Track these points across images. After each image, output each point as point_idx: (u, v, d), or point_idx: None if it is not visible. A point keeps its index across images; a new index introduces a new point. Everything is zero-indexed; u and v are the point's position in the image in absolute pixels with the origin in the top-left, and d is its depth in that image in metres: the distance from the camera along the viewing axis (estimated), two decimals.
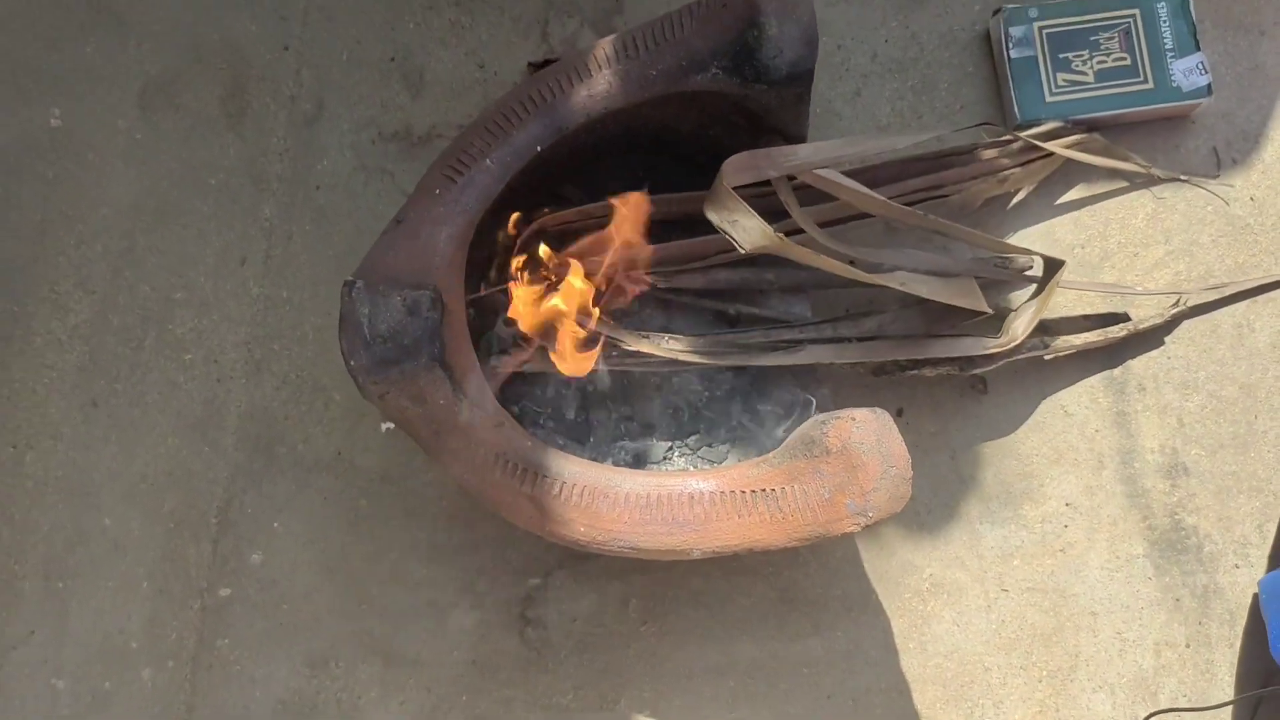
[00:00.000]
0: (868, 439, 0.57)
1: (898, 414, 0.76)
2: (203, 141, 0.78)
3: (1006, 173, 0.75)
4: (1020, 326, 0.71)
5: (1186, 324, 0.78)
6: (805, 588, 0.75)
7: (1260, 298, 0.78)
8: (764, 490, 0.59)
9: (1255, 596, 0.75)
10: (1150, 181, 0.78)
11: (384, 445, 0.76)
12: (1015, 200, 0.78)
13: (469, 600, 0.74)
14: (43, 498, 0.75)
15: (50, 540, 0.74)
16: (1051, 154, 0.75)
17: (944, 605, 0.75)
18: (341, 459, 0.75)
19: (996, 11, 0.78)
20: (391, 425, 0.76)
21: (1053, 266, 0.71)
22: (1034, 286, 0.74)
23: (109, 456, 0.75)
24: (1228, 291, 0.77)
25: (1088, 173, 0.78)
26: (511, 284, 0.63)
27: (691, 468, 0.65)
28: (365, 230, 0.77)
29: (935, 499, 0.76)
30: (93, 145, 0.77)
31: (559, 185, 0.66)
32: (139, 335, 0.76)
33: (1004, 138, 0.75)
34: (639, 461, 0.64)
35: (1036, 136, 0.75)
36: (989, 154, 0.75)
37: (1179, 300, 0.76)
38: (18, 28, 0.78)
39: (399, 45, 0.79)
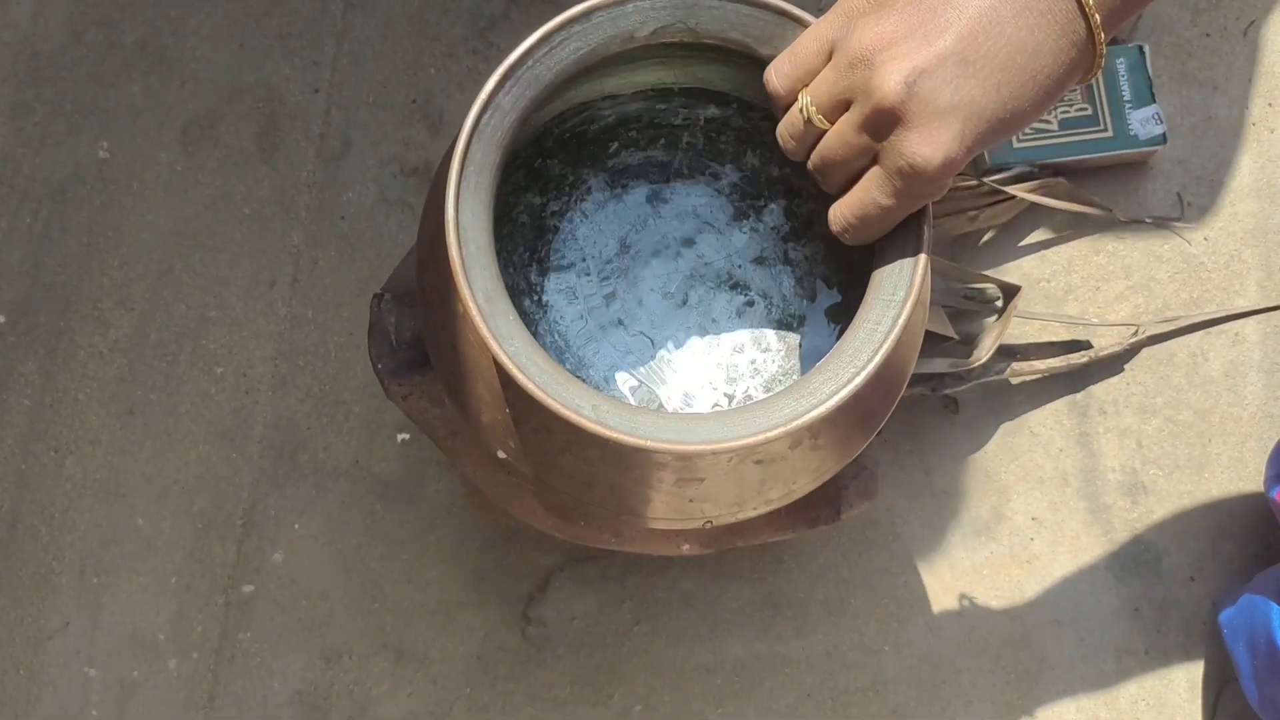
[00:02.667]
0: None
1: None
2: (238, 174, 0.84)
3: (974, 212, 0.82)
4: (985, 347, 0.77)
5: (1145, 353, 0.84)
6: (788, 592, 0.80)
7: (1214, 330, 0.84)
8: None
9: (1210, 607, 0.80)
10: (1111, 222, 0.85)
11: (399, 455, 0.81)
12: (985, 239, 0.84)
13: (475, 599, 0.80)
14: (80, 499, 0.80)
15: (86, 538, 0.80)
16: (1015, 197, 0.82)
17: (918, 610, 0.81)
18: (359, 466, 0.81)
19: None
20: (406, 436, 0.82)
21: (1009, 291, 0.78)
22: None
23: (143, 461, 0.81)
24: (1182, 323, 0.83)
25: (1052, 213, 0.84)
26: None
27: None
28: (386, 257, 0.84)
29: (910, 511, 0.82)
30: (137, 176, 0.84)
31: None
32: (174, 350, 0.82)
33: (970, 182, 0.82)
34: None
35: (1004, 180, 0.82)
36: (959, 195, 0.82)
37: (1137, 331, 0.83)
38: (73, 69, 0.85)
39: (420, 89, 0.86)
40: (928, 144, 0.46)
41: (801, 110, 0.50)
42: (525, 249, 0.67)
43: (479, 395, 0.55)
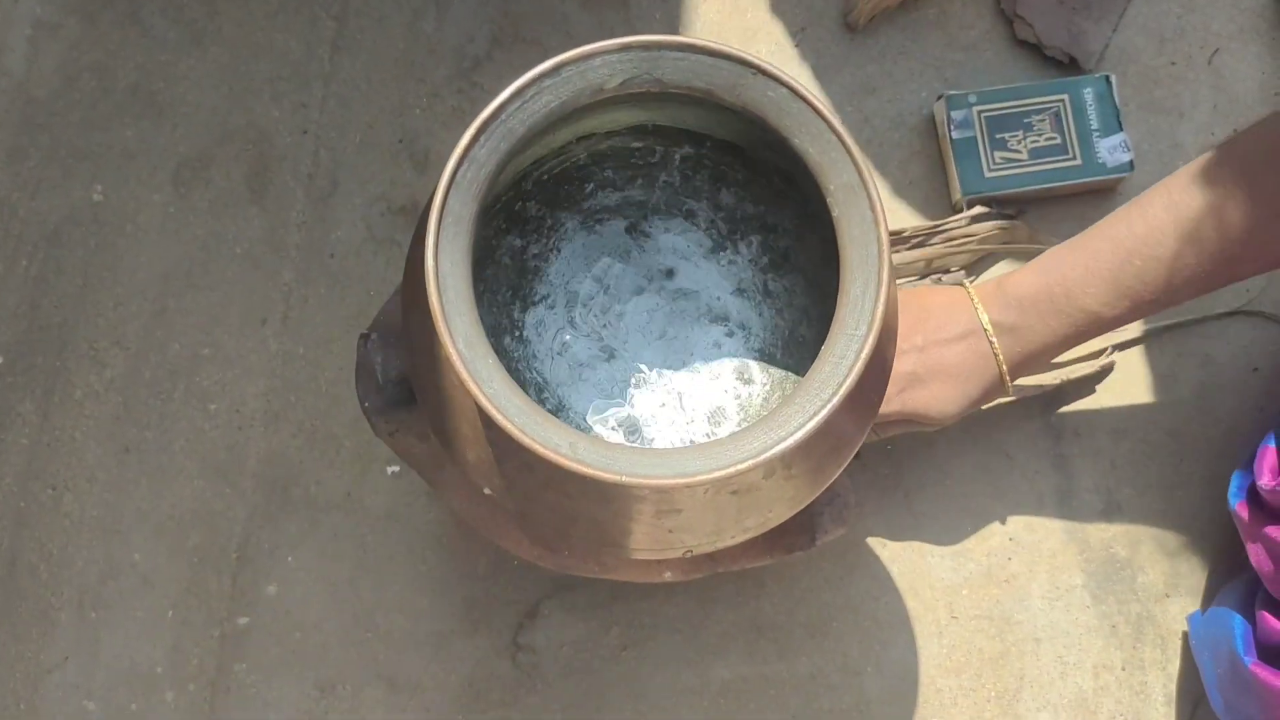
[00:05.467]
0: None
1: (855, 457, 0.84)
2: (229, 215, 0.86)
3: (935, 250, 0.84)
4: None
5: (1117, 375, 0.86)
6: (771, 615, 0.82)
7: (1184, 352, 0.86)
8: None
9: (1186, 623, 0.82)
10: None
11: (390, 487, 0.83)
12: (948, 276, 0.86)
13: (466, 628, 0.82)
14: (78, 535, 0.82)
15: (85, 574, 0.82)
16: (972, 238, 0.84)
17: (898, 631, 0.82)
18: (351, 499, 0.83)
19: (940, 97, 0.87)
20: (397, 469, 0.83)
21: None
22: None
23: (139, 497, 0.83)
24: (1139, 333, 0.85)
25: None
26: None
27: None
28: (375, 294, 0.86)
29: (890, 534, 0.83)
30: (131, 218, 0.86)
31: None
32: (169, 387, 0.84)
33: (925, 229, 0.84)
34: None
35: (963, 219, 0.84)
36: (919, 236, 0.84)
37: (1106, 351, 0.85)
38: (66, 114, 0.87)
39: (407, 129, 0.88)
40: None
41: None
42: (508, 288, 0.69)
43: (463, 434, 0.57)
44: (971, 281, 0.77)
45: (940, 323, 0.72)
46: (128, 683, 0.80)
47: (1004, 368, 0.72)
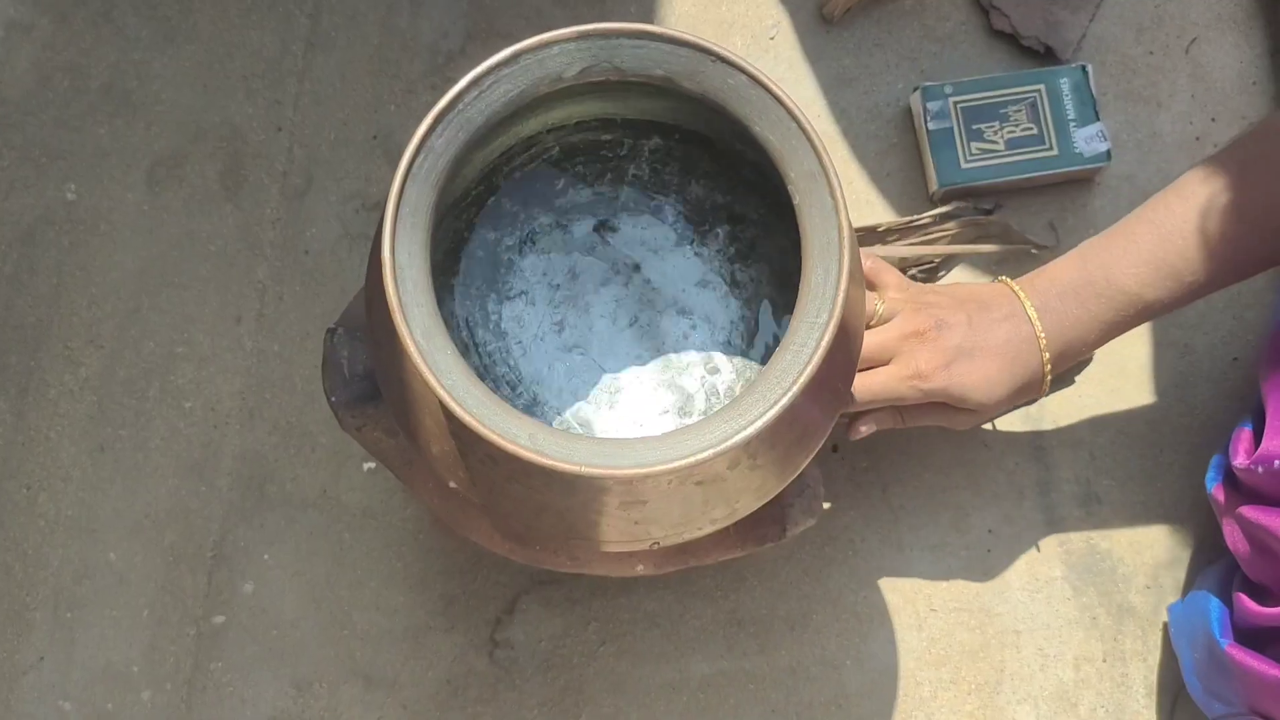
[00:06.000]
0: None
1: (833, 450, 0.84)
2: (203, 212, 0.86)
3: (909, 243, 0.84)
4: None
5: (1096, 366, 0.85)
6: (751, 609, 0.82)
7: (1163, 342, 0.86)
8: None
9: (1166, 614, 0.82)
10: (1052, 249, 0.86)
11: (366, 484, 0.83)
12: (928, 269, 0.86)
13: (443, 624, 0.81)
14: (53, 535, 0.82)
15: (60, 574, 0.81)
16: (946, 233, 0.83)
17: (879, 625, 0.82)
18: (327, 497, 0.83)
19: (916, 89, 0.87)
20: (373, 465, 0.83)
21: None
22: None
23: (114, 496, 0.82)
24: None
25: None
26: None
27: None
28: (350, 290, 0.85)
29: (869, 527, 0.83)
30: (104, 216, 0.86)
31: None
32: (143, 386, 0.84)
33: (899, 224, 0.83)
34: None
35: (937, 216, 0.84)
36: (893, 232, 0.84)
37: None
38: (39, 113, 0.87)
39: (381, 125, 0.88)
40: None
41: None
42: (483, 281, 0.69)
43: (427, 428, 0.57)
44: (942, 276, 0.76)
45: (983, 303, 0.70)
46: (104, 682, 0.80)
47: (1046, 355, 0.70)
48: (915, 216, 0.84)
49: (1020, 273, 0.74)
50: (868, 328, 0.70)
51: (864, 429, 0.72)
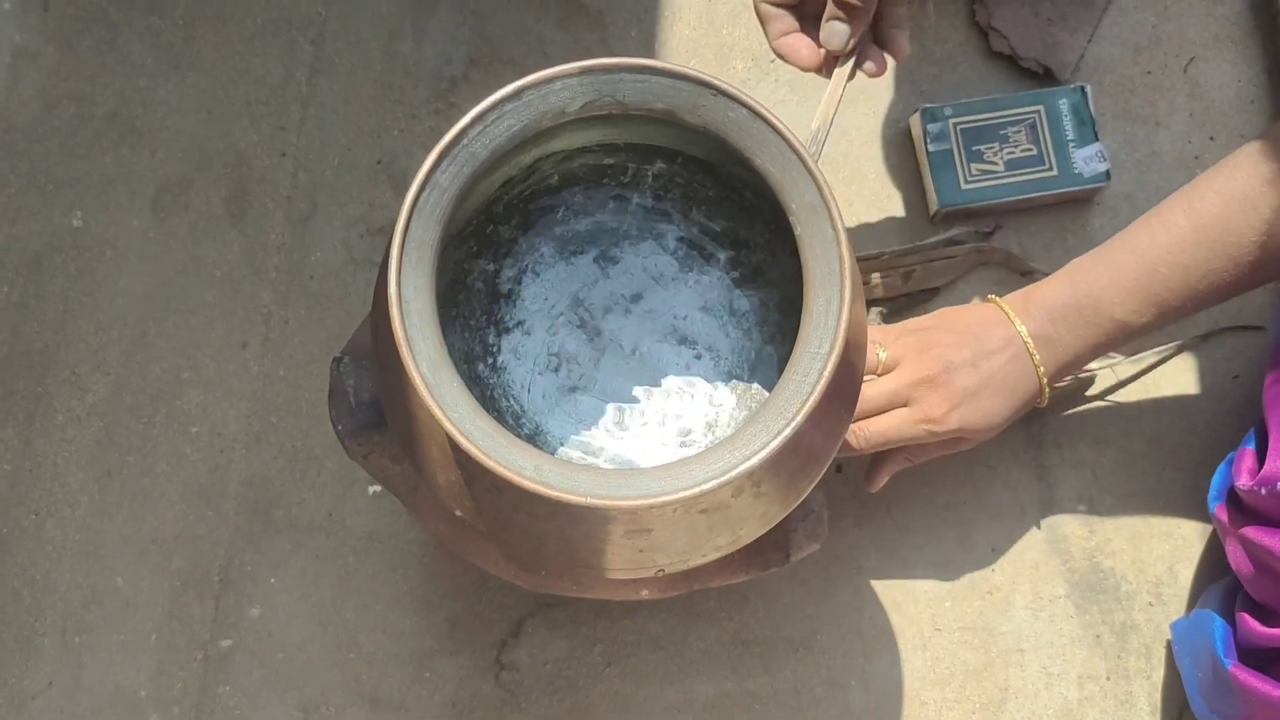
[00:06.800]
0: None
1: (837, 470, 0.84)
2: (209, 238, 0.87)
3: (909, 269, 0.84)
4: None
5: (1097, 385, 0.86)
6: (755, 630, 0.82)
7: (1165, 362, 0.86)
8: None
9: (1169, 631, 0.82)
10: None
11: (371, 508, 0.83)
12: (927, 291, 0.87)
13: (449, 647, 0.82)
14: (61, 560, 0.82)
15: (68, 599, 0.82)
16: (949, 259, 0.84)
17: (883, 644, 0.82)
18: (333, 520, 0.83)
19: (916, 110, 0.87)
20: (379, 489, 0.84)
21: None
22: None
23: (122, 522, 0.83)
24: (1144, 364, 0.85)
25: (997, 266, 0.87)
26: None
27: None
28: (354, 315, 0.86)
29: (873, 547, 0.83)
30: (111, 243, 0.86)
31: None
32: (150, 412, 0.84)
33: (901, 251, 0.84)
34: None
35: (940, 240, 0.84)
36: (895, 256, 0.84)
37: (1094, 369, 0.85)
38: (45, 140, 0.87)
39: (385, 150, 0.88)
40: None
41: None
42: (482, 313, 0.69)
43: (433, 458, 0.58)
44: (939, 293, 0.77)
45: (981, 336, 0.73)
46: (112, 707, 0.80)
47: (1044, 381, 0.74)
48: (916, 244, 0.84)
49: (1011, 289, 0.76)
50: (875, 374, 0.73)
51: (881, 480, 0.76)
